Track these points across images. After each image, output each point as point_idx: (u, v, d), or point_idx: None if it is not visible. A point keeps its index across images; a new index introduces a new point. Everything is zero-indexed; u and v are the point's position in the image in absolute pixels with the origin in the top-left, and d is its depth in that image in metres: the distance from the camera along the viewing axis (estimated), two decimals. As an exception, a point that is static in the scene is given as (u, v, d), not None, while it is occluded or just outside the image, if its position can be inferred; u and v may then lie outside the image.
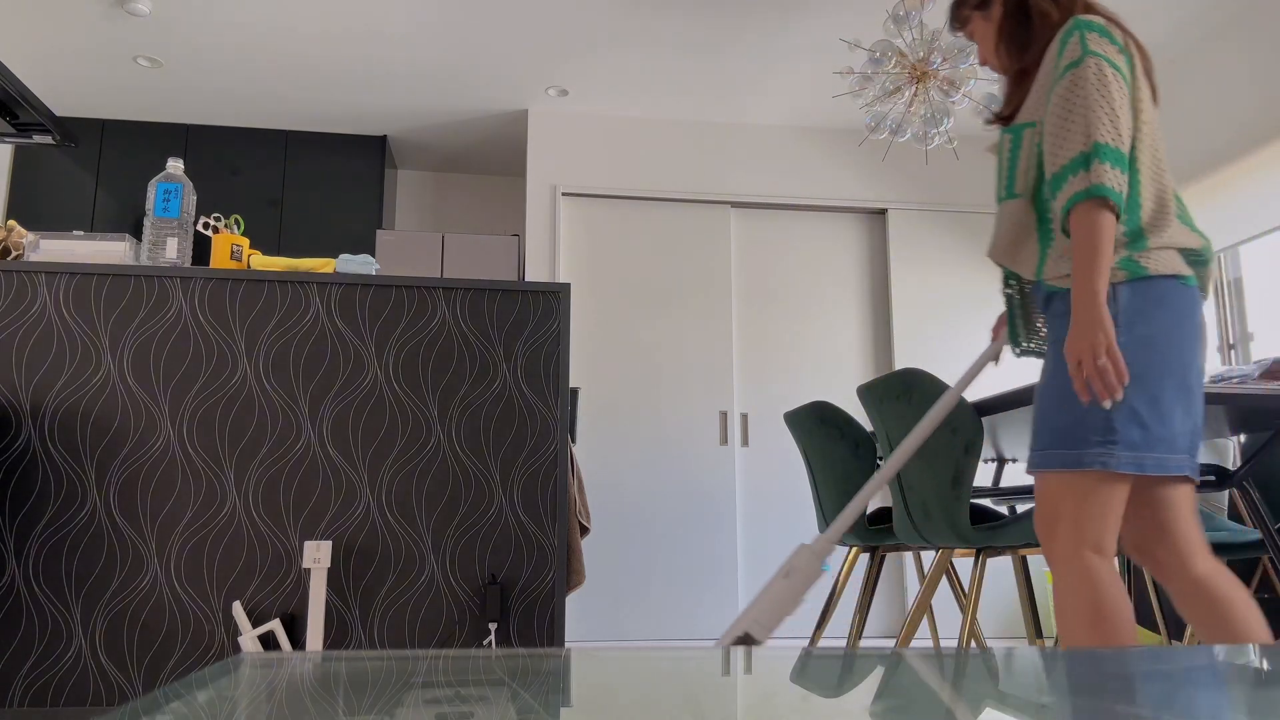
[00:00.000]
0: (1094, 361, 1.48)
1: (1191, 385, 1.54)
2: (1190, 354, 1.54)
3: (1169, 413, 1.51)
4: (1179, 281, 1.56)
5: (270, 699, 0.50)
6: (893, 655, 0.67)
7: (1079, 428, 1.53)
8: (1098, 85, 1.56)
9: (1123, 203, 1.53)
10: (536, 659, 0.64)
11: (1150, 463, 1.50)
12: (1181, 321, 1.54)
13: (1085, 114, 1.56)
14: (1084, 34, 1.61)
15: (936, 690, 0.55)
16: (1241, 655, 0.68)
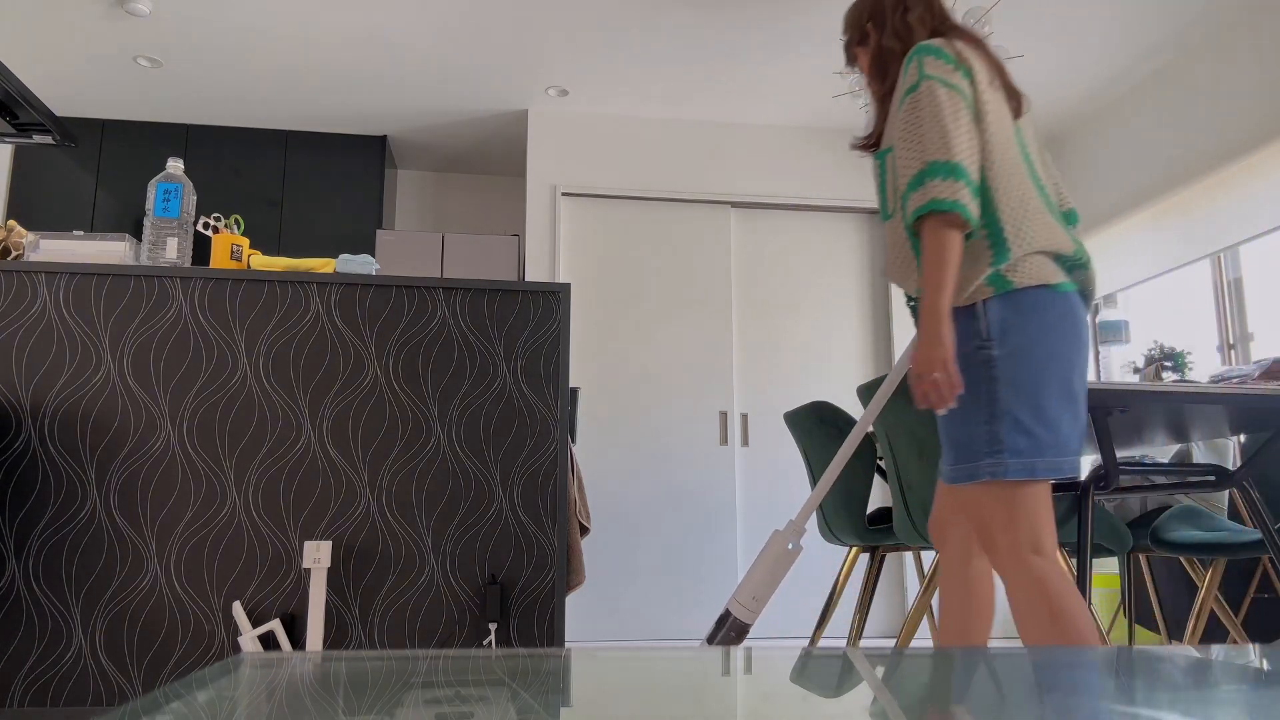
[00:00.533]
0: (930, 375, 1.53)
1: (1075, 390, 1.58)
2: (1069, 359, 1.57)
3: (1056, 419, 1.55)
4: (1050, 289, 1.58)
5: (270, 699, 0.50)
6: (893, 655, 0.67)
7: (972, 441, 1.59)
8: (930, 107, 1.62)
9: (967, 213, 1.55)
10: (536, 659, 0.64)
11: (1042, 467, 1.55)
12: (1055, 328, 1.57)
13: (920, 136, 1.61)
14: (921, 59, 1.67)
15: (937, 690, 0.55)
16: (1242, 656, 0.68)
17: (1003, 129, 1.66)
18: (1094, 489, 2.11)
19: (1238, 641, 2.80)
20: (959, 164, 1.56)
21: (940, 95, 1.62)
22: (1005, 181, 1.62)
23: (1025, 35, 4.18)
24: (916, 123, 1.63)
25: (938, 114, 1.61)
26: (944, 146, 1.58)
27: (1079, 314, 1.61)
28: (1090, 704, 0.50)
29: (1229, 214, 3.99)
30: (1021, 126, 1.73)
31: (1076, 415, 1.57)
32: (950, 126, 1.59)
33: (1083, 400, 1.59)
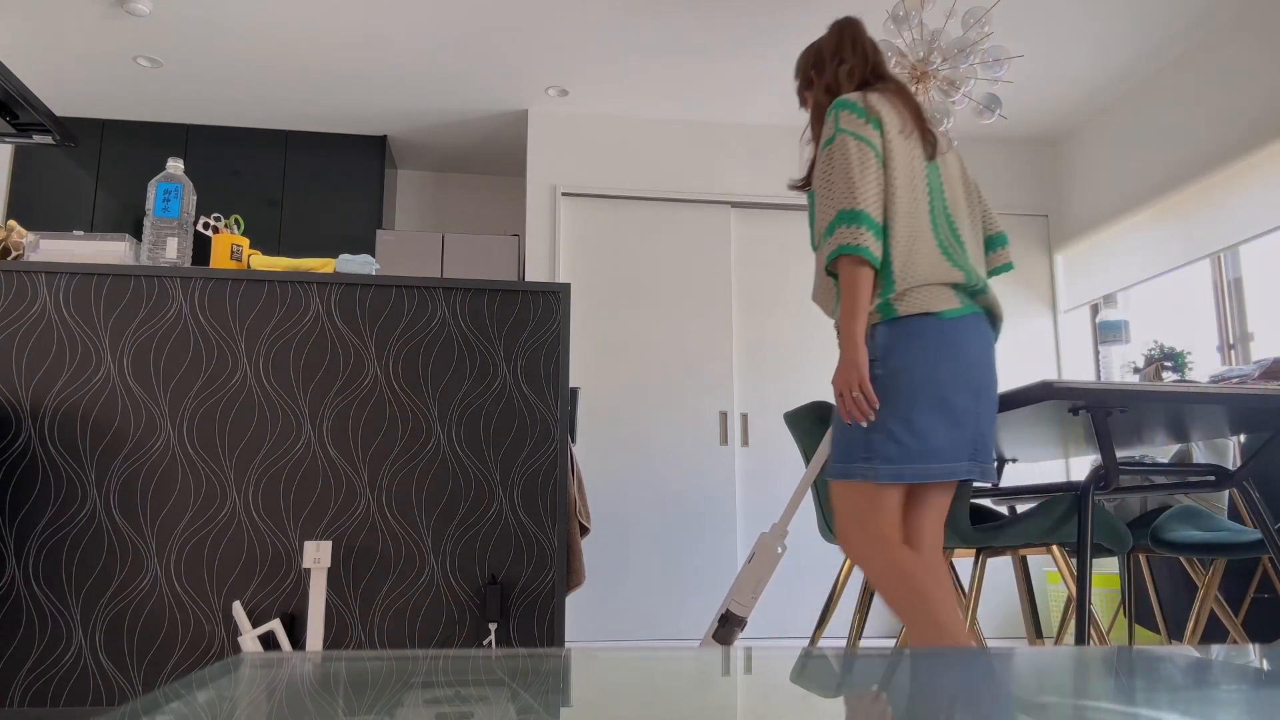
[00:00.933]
0: (849, 393, 1.79)
1: (952, 404, 1.79)
2: (944, 378, 1.79)
3: (926, 431, 1.78)
4: (932, 317, 1.81)
5: (270, 699, 0.50)
6: (893, 655, 0.67)
7: (852, 446, 1.84)
8: (841, 160, 1.85)
9: (869, 255, 1.79)
10: (536, 659, 0.64)
11: (909, 473, 1.79)
12: (933, 352, 1.79)
13: (832, 185, 1.85)
14: (837, 113, 1.90)
15: (937, 690, 0.55)
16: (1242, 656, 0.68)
17: (908, 173, 1.88)
18: (1094, 489, 2.11)
19: (1238, 641, 2.80)
20: (864, 211, 1.80)
21: (850, 148, 1.85)
22: (901, 221, 1.84)
23: (1025, 35, 4.18)
24: (830, 173, 1.87)
25: (847, 167, 1.84)
26: (851, 196, 1.81)
27: (964, 337, 1.82)
28: (1091, 704, 0.50)
29: (1229, 214, 3.99)
30: (942, 163, 1.95)
31: (955, 426, 1.79)
32: (857, 178, 1.82)
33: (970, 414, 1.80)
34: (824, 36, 2.12)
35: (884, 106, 1.90)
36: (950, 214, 1.92)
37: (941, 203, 1.91)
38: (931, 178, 1.91)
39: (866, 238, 1.78)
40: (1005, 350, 5.03)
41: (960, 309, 1.83)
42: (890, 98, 1.94)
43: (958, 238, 1.90)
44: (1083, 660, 0.64)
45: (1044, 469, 4.84)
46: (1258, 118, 3.85)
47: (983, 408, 1.83)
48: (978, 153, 5.22)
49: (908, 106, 1.94)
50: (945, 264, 1.84)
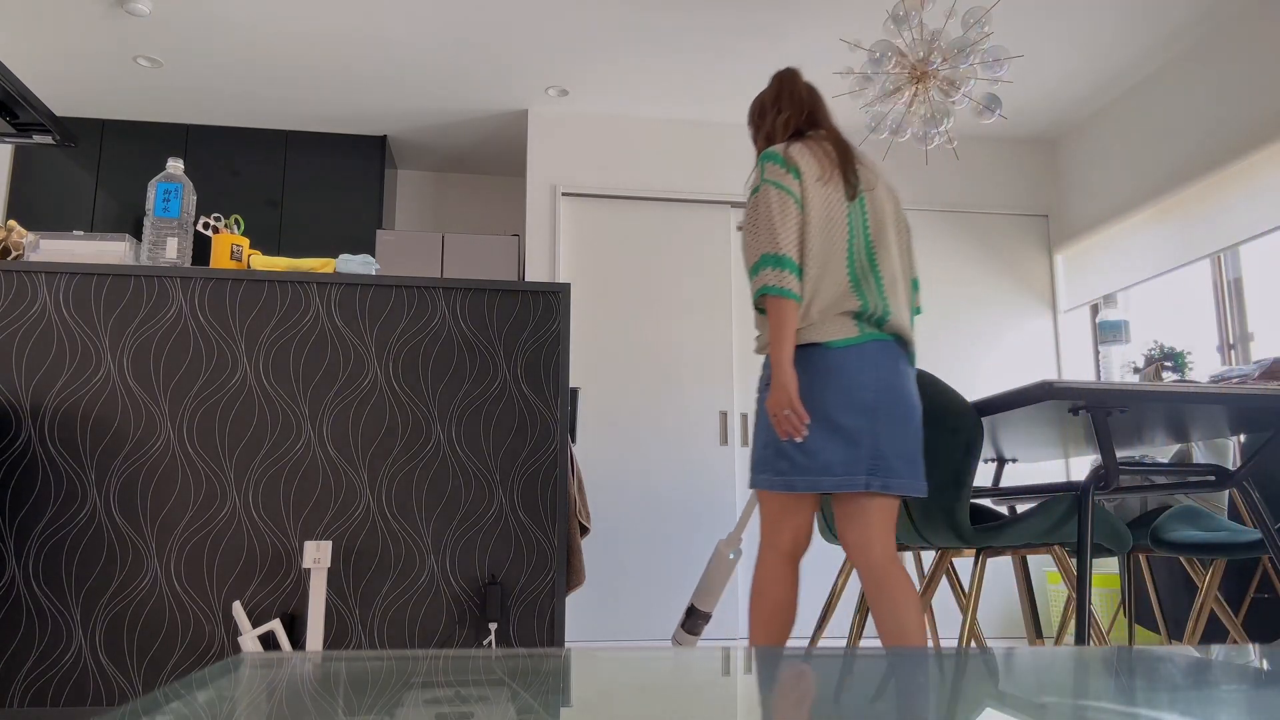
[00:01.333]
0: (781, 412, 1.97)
1: (841, 424, 1.99)
2: (830, 401, 2.00)
3: (816, 449, 1.99)
4: (820, 347, 2.02)
5: (270, 699, 0.50)
6: (892, 655, 0.67)
7: (760, 459, 2.08)
8: (764, 208, 2.05)
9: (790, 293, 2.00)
10: (536, 659, 0.64)
11: (801, 484, 2.00)
12: (820, 378, 2.00)
13: (757, 230, 2.05)
14: (763, 165, 2.10)
15: (936, 690, 0.55)
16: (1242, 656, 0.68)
17: (824, 215, 2.07)
18: (1094, 489, 2.11)
19: (1238, 641, 2.80)
20: (784, 255, 2.01)
21: (772, 197, 2.05)
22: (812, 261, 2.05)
23: (1025, 35, 4.18)
24: (755, 219, 2.07)
25: (769, 214, 2.04)
26: (774, 241, 2.02)
27: (852, 364, 2.01)
28: (1091, 704, 0.50)
29: (1229, 214, 3.99)
30: (870, 200, 2.14)
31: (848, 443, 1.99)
32: (779, 224, 2.03)
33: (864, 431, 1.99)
34: (766, 89, 2.33)
35: (804, 157, 2.10)
36: (872, 248, 2.10)
37: (863, 237, 2.10)
38: (852, 216, 2.10)
39: (788, 279, 2.01)
40: (1005, 350, 5.04)
41: (856, 337, 2.03)
42: (814, 146, 2.14)
43: (875, 270, 2.09)
44: (1083, 660, 0.65)
45: (1044, 469, 4.84)
46: (1258, 118, 3.85)
47: (881, 426, 2.00)
48: (978, 153, 5.22)
49: (834, 152, 2.14)
50: (850, 294, 2.04)
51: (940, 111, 3.45)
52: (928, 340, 4.98)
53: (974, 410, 2.16)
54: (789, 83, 2.27)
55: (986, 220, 5.17)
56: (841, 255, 2.06)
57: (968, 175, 5.19)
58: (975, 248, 5.12)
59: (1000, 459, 3.08)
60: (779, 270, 2.00)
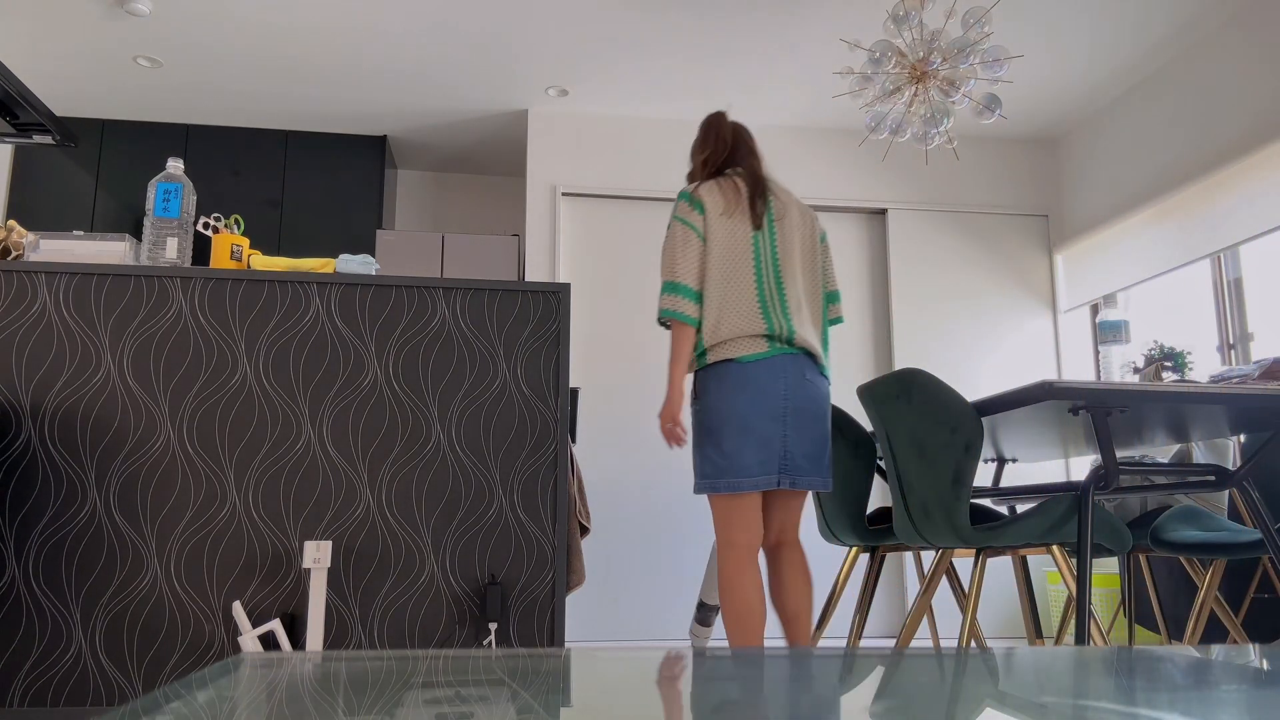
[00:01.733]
0: (665, 425, 2.30)
1: (755, 429, 2.22)
2: (744, 409, 2.23)
3: (735, 452, 2.23)
4: (734, 362, 2.26)
5: (270, 699, 0.51)
6: (893, 655, 0.67)
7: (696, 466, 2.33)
8: (670, 241, 2.35)
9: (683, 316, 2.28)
10: (536, 659, 0.64)
11: (723, 485, 2.25)
12: (735, 390, 2.24)
13: (663, 260, 2.35)
14: (677, 202, 2.38)
15: (936, 690, 0.55)
16: (1242, 656, 0.68)
17: (726, 246, 2.32)
18: (1094, 489, 2.11)
19: (1238, 641, 2.80)
20: (681, 283, 2.29)
21: (677, 231, 2.33)
22: (714, 288, 2.30)
23: (1025, 35, 4.19)
24: (664, 249, 2.36)
25: (672, 245, 2.33)
26: (672, 271, 2.31)
27: (764, 376, 2.24)
28: (1091, 704, 0.50)
29: (1229, 214, 3.99)
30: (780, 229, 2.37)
31: (761, 447, 2.22)
32: (679, 256, 2.31)
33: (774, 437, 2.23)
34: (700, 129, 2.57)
35: (710, 194, 2.36)
36: (780, 272, 2.35)
37: (771, 262, 2.34)
38: (759, 243, 2.35)
39: (683, 304, 2.28)
40: (1005, 350, 5.04)
41: (766, 352, 2.26)
42: (724, 184, 2.39)
43: (781, 293, 2.33)
44: (1083, 660, 0.65)
45: (1044, 469, 4.84)
46: (1258, 118, 3.85)
47: (790, 430, 2.25)
48: (978, 153, 5.22)
49: (744, 187, 2.39)
50: (757, 318, 2.28)
51: (940, 111, 3.45)
52: (928, 340, 4.98)
53: (974, 410, 2.16)
54: (715, 126, 2.52)
55: (986, 220, 5.17)
56: (749, 280, 2.31)
57: (968, 175, 5.19)
58: (975, 248, 5.12)
59: (1000, 459, 3.08)
60: (674, 296, 2.30)
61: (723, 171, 2.45)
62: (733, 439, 2.23)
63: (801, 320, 2.33)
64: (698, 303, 2.30)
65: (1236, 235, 3.93)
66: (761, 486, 2.23)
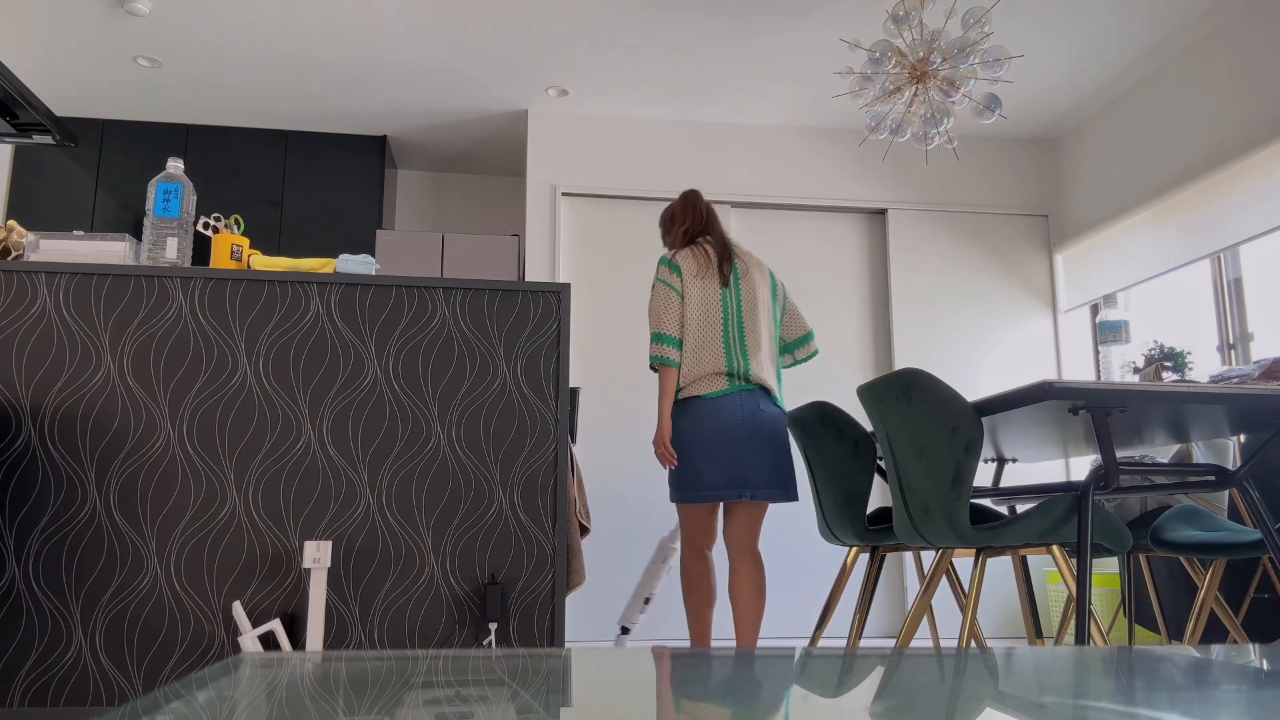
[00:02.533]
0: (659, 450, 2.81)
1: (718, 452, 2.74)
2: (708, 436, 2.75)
3: (698, 472, 2.75)
4: (700, 399, 2.79)
5: (270, 699, 0.51)
6: (893, 655, 0.67)
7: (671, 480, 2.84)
8: (654, 298, 2.87)
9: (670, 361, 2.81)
10: (536, 659, 0.64)
11: (690, 497, 2.77)
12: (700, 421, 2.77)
13: (651, 313, 2.87)
14: (659, 267, 2.91)
15: (936, 690, 0.55)
16: (1242, 656, 0.68)
17: (700, 303, 2.85)
18: (1094, 489, 2.11)
19: (1238, 641, 2.80)
20: (665, 334, 2.83)
21: (660, 291, 2.87)
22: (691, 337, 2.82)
23: (1025, 36, 4.19)
24: (650, 306, 2.88)
25: (657, 303, 2.86)
26: (660, 324, 2.84)
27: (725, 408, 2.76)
28: (1091, 704, 0.50)
29: (1229, 214, 3.99)
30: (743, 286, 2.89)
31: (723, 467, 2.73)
32: (662, 312, 2.84)
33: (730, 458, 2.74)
34: (676, 202, 3.07)
35: (686, 260, 2.89)
36: (743, 323, 2.86)
37: (737, 316, 2.86)
38: (726, 299, 2.87)
39: (669, 351, 2.82)
40: (1005, 350, 5.04)
41: (726, 389, 2.78)
42: (697, 251, 2.92)
43: (743, 339, 2.84)
44: (1083, 660, 0.65)
45: (1044, 469, 4.84)
46: (1258, 118, 3.85)
47: (748, 451, 2.74)
48: (978, 153, 5.23)
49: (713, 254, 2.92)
50: (720, 359, 2.80)
51: (940, 111, 3.45)
52: (928, 340, 4.98)
53: (974, 410, 2.16)
54: (692, 202, 3.05)
55: (986, 220, 5.17)
56: (717, 331, 2.83)
57: (968, 175, 5.19)
58: (975, 248, 5.12)
59: (1000, 459, 3.08)
60: (661, 345, 2.82)
61: (695, 240, 2.98)
62: (700, 461, 2.75)
63: (759, 361, 2.83)
64: (679, 349, 2.83)
65: (1236, 235, 3.93)
66: (722, 498, 2.74)
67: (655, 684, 0.56)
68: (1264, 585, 3.23)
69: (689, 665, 0.63)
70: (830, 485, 2.79)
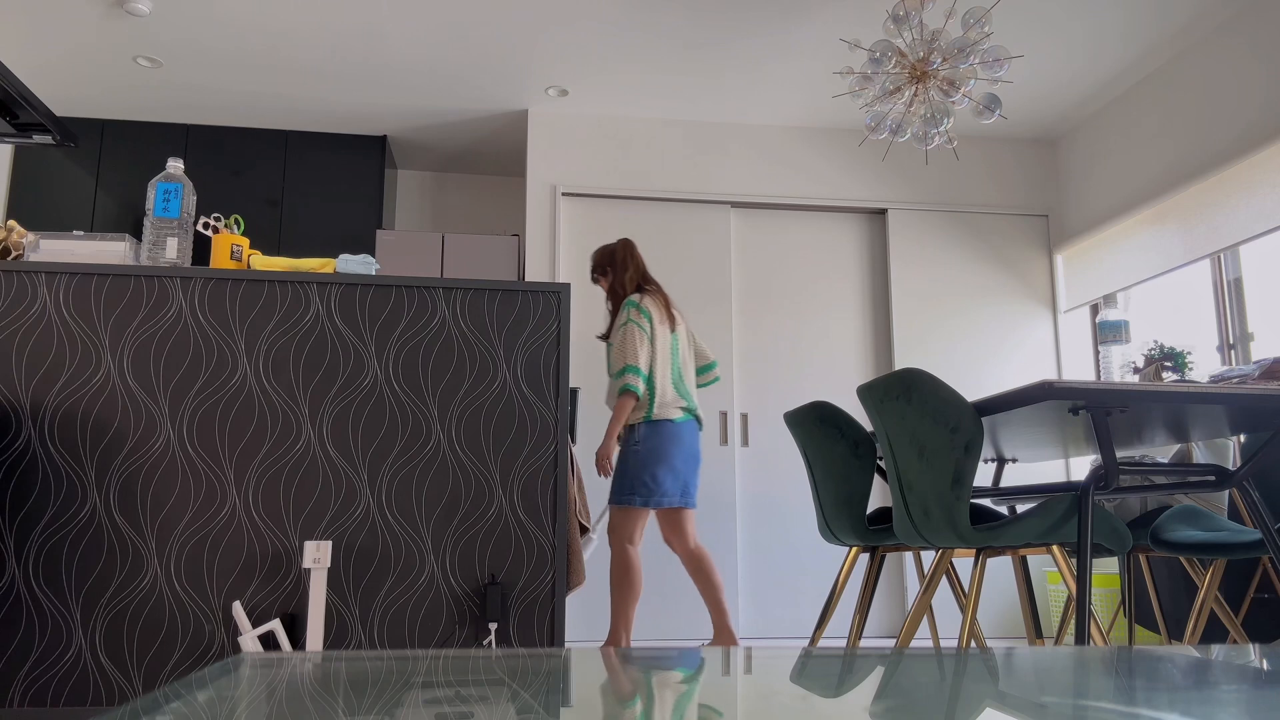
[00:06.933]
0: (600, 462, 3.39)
1: (675, 467, 3.38)
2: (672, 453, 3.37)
3: (660, 480, 3.35)
4: (668, 421, 3.40)
5: (270, 699, 0.51)
6: (893, 655, 0.67)
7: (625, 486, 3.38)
8: (627, 335, 3.39)
9: (638, 390, 3.34)
10: (536, 659, 0.64)
11: (653, 501, 3.34)
12: (668, 440, 3.38)
13: (624, 348, 3.39)
14: (628, 309, 3.44)
15: (936, 690, 0.55)
16: (1242, 656, 0.68)
17: (663, 344, 3.44)
18: (1094, 489, 2.11)
19: (1238, 641, 2.80)
20: (636, 367, 3.34)
21: (634, 330, 3.38)
22: (658, 371, 3.40)
23: (1025, 36, 4.18)
24: (623, 341, 3.40)
25: (630, 340, 3.38)
26: (635, 358, 3.35)
27: (683, 432, 3.42)
28: (1091, 704, 0.50)
29: (1229, 214, 3.99)
30: (679, 333, 3.54)
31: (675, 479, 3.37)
32: (634, 348, 3.36)
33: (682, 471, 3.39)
34: (615, 247, 3.62)
35: (651, 305, 3.47)
36: (681, 364, 3.51)
37: (677, 358, 3.50)
38: (673, 344, 3.50)
39: (638, 382, 3.34)
40: (1005, 350, 5.04)
41: (684, 417, 3.44)
42: (655, 299, 3.50)
43: (683, 378, 3.50)
44: (1083, 660, 0.65)
45: (1044, 469, 4.84)
46: (1258, 118, 3.85)
47: (689, 468, 3.42)
48: (978, 153, 5.23)
49: (662, 302, 3.52)
50: (679, 396, 3.45)
51: (940, 111, 3.45)
52: (928, 340, 4.98)
53: (974, 410, 2.16)
54: (632, 250, 3.61)
55: (986, 220, 5.17)
56: (669, 369, 3.45)
57: (968, 175, 5.19)
58: (975, 248, 5.12)
59: (1000, 459, 3.08)
60: (635, 376, 3.34)
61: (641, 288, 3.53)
62: (659, 471, 3.35)
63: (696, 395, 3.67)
64: (646, 382, 3.38)
65: (1236, 235, 3.93)
66: (673, 504, 3.37)
67: (655, 684, 0.56)
68: (1264, 585, 3.23)
69: (694, 666, 0.63)
70: (830, 485, 2.79)
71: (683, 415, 3.42)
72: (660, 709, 0.49)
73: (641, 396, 3.36)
